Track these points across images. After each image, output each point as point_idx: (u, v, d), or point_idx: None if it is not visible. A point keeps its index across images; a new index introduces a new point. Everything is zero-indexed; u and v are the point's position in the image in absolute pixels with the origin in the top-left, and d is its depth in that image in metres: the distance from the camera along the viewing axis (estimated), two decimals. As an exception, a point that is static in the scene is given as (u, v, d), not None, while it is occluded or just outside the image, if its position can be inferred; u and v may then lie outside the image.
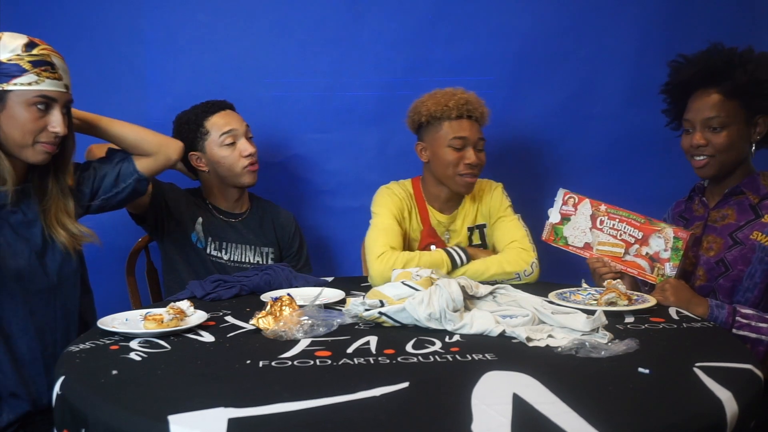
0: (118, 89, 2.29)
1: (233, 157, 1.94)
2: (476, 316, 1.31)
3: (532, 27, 2.35)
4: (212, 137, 1.95)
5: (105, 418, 0.91)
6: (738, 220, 1.63)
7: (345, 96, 2.36)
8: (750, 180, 1.64)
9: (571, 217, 1.74)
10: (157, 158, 1.72)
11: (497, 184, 2.00)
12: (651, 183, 2.38)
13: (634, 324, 1.35)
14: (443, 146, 1.86)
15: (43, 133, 1.44)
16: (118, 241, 2.14)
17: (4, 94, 1.40)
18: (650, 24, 2.35)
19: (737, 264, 1.58)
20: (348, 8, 2.33)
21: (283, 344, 1.21)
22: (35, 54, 1.41)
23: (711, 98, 1.61)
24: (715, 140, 1.61)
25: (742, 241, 1.59)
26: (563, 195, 1.77)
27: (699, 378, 1.01)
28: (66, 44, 1.55)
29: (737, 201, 1.65)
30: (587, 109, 2.39)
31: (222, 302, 1.57)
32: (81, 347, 1.20)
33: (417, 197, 1.96)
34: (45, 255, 1.51)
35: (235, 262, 1.99)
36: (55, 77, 1.44)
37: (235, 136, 1.95)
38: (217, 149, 1.94)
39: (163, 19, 2.30)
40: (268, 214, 2.09)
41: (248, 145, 1.96)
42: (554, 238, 1.78)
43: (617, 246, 1.65)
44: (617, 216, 1.67)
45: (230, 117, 1.98)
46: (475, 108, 1.86)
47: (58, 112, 1.45)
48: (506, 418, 0.87)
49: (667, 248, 1.59)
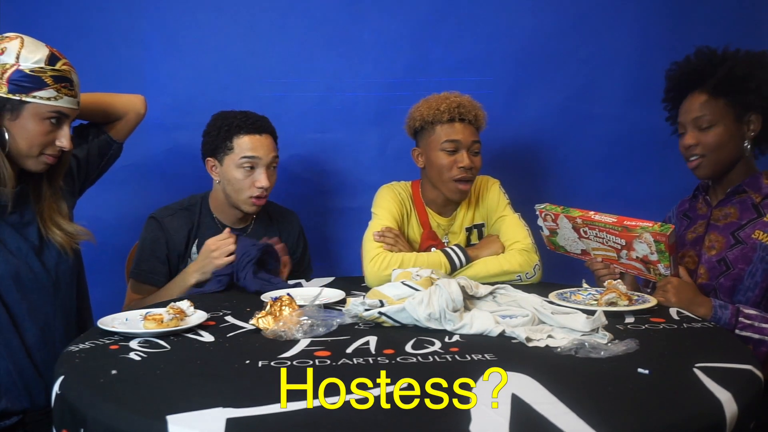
0: (118, 89, 2.28)
1: (245, 183, 1.87)
2: (476, 316, 1.31)
3: (532, 27, 2.36)
4: (234, 155, 1.87)
5: (104, 418, 0.91)
6: (740, 218, 1.63)
7: (345, 96, 2.36)
8: (752, 179, 1.65)
9: (557, 231, 1.73)
10: (128, 118, 1.76)
11: (494, 181, 1.99)
12: (651, 183, 2.39)
13: (634, 324, 1.35)
14: (436, 150, 1.85)
15: (49, 146, 1.46)
16: (118, 241, 2.14)
17: (21, 105, 1.40)
18: (650, 24, 2.35)
19: (738, 263, 1.58)
20: (348, 8, 2.33)
21: (282, 344, 1.21)
22: (57, 69, 1.42)
23: (698, 98, 1.64)
24: (704, 139, 1.63)
25: (744, 240, 1.60)
26: (539, 212, 1.74)
27: (699, 378, 1.01)
28: (66, 44, 1.55)
29: (740, 200, 1.65)
30: (587, 109, 2.39)
31: (222, 302, 1.56)
32: (81, 347, 1.20)
33: (416, 200, 1.96)
34: (42, 254, 1.51)
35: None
36: (72, 95, 1.46)
37: (256, 164, 1.87)
38: (234, 169, 1.87)
39: (163, 19, 2.30)
40: (273, 225, 2.05)
41: (264, 178, 1.87)
42: (555, 247, 1.78)
43: (609, 251, 1.65)
44: (595, 226, 1.62)
45: (260, 143, 1.88)
46: (468, 111, 1.85)
47: (68, 128, 1.47)
48: (505, 418, 0.86)
49: (653, 251, 1.54)
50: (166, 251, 1.89)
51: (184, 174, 2.27)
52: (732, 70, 1.60)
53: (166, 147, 2.32)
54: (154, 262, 1.88)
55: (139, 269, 1.88)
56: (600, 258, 1.68)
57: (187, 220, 1.93)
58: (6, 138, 1.41)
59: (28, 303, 1.47)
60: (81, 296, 1.62)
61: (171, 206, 1.95)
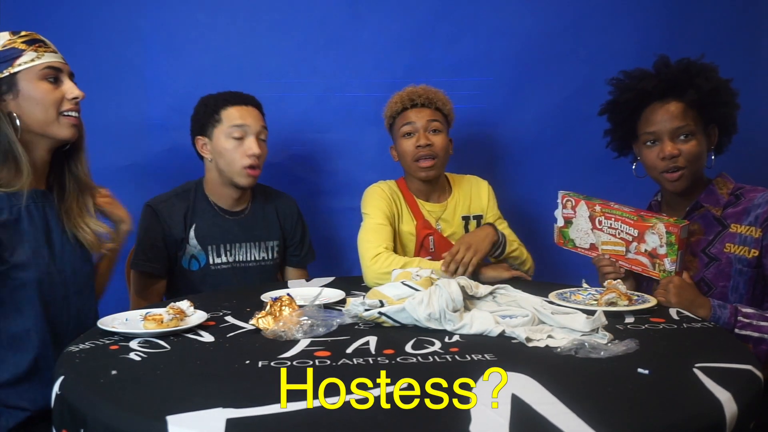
0: (118, 89, 2.29)
1: (236, 152, 1.88)
2: (476, 316, 1.31)
3: (532, 27, 2.36)
4: (223, 126, 1.89)
5: (104, 418, 0.91)
6: (707, 234, 1.61)
7: (345, 96, 2.36)
8: (707, 193, 1.63)
9: (572, 219, 1.74)
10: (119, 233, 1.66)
11: (483, 181, 2.05)
12: (651, 183, 2.37)
13: (634, 324, 1.35)
14: (399, 138, 1.96)
15: (63, 103, 1.45)
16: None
17: (12, 78, 1.40)
18: (650, 24, 2.35)
19: (718, 281, 1.57)
20: (348, 8, 2.33)
21: (282, 344, 1.21)
22: (24, 35, 1.44)
23: (675, 108, 1.61)
24: (686, 149, 1.60)
25: (717, 257, 1.58)
26: (561, 198, 1.77)
27: (699, 378, 1.01)
28: (66, 44, 1.55)
29: (700, 215, 1.64)
30: (587, 109, 2.38)
31: (222, 302, 1.56)
32: (81, 347, 1.20)
33: (404, 192, 2.01)
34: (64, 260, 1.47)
35: (240, 262, 1.97)
36: (52, 50, 1.46)
37: (245, 132, 1.89)
38: (224, 140, 1.88)
39: (163, 19, 2.30)
40: (270, 204, 2.05)
41: (255, 145, 1.89)
42: (564, 242, 1.78)
43: (618, 245, 1.66)
44: (612, 215, 1.67)
45: (248, 112, 1.91)
46: (419, 95, 1.93)
47: (69, 80, 1.47)
48: (505, 418, 0.86)
49: (662, 244, 1.57)
50: (163, 238, 1.89)
51: (184, 174, 2.26)
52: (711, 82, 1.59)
53: (166, 147, 2.31)
54: (151, 250, 1.89)
55: (138, 259, 1.89)
56: (608, 255, 1.68)
57: (182, 205, 1.93)
58: (18, 123, 1.40)
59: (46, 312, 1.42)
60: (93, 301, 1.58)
61: (166, 193, 1.96)
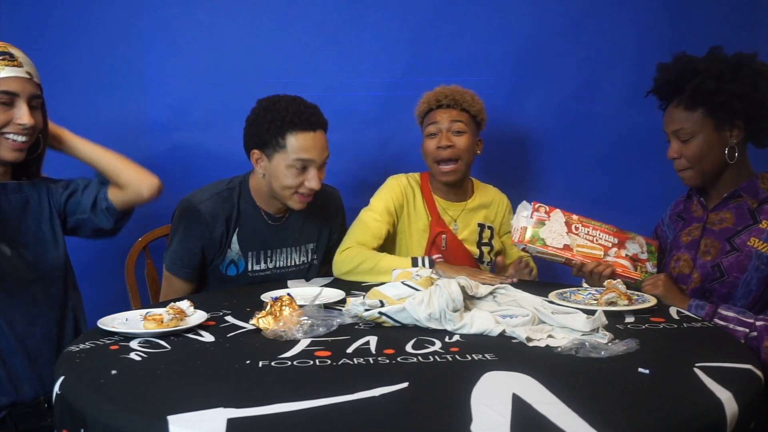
0: (118, 89, 2.29)
1: (294, 182, 1.75)
2: (476, 316, 1.31)
3: (532, 27, 2.36)
4: (286, 155, 1.73)
5: (104, 418, 0.91)
6: (736, 224, 1.61)
7: (345, 96, 2.36)
8: (749, 184, 1.62)
9: (545, 222, 1.73)
10: (126, 192, 1.58)
11: (505, 197, 2.08)
12: (651, 183, 2.38)
13: (634, 324, 1.35)
14: (424, 138, 1.96)
15: (9, 125, 1.39)
16: (118, 241, 2.13)
17: None
18: (650, 24, 2.35)
19: (733, 271, 1.57)
20: (348, 8, 2.33)
21: (282, 344, 1.21)
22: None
23: (676, 110, 1.62)
24: (686, 151, 1.61)
25: (739, 248, 1.57)
26: (533, 204, 1.76)
27: (699, 378, 1.01)
28: (66, 44, 1.55)
29: (736, 204, 1.63)
30: (587, 109, 2.39)
31: (222, 302, 1.56)
32: (81, 347, 1.20)
33: (424, 188, 2.01)
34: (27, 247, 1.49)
35: (279, 268, 1.89)
36: (16, 65, 1.39)
37: (308, 166, 1.75)
38: (284, 168, 1.74)
39: (163, 19, 2.29)
40: (312, 203, 1.86)
41: (316, 180, 1.75)
42: (531, 240, 1.71)
43: (596, 249, 1.69)
44: (590, 224, 1.73)
45: (315, 143, 1.75)
46: (446, 95, 1.92)
47: (24, 105, 1.39)
48: (505, 418, 0.86)
49: (644, 251, 1.67)
50: (202, 244, 1.78)
51: (184, 174, 2.27)
52: (705, 80, 1.55)
53: (166, 147, 2.31)
54: (188, 256, 1.79)
55: (175, 264, 1.80)
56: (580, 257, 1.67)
57: (226, 206, 1.81)
58: None
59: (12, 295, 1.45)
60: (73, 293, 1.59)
61: (206, 190, 1.83)
